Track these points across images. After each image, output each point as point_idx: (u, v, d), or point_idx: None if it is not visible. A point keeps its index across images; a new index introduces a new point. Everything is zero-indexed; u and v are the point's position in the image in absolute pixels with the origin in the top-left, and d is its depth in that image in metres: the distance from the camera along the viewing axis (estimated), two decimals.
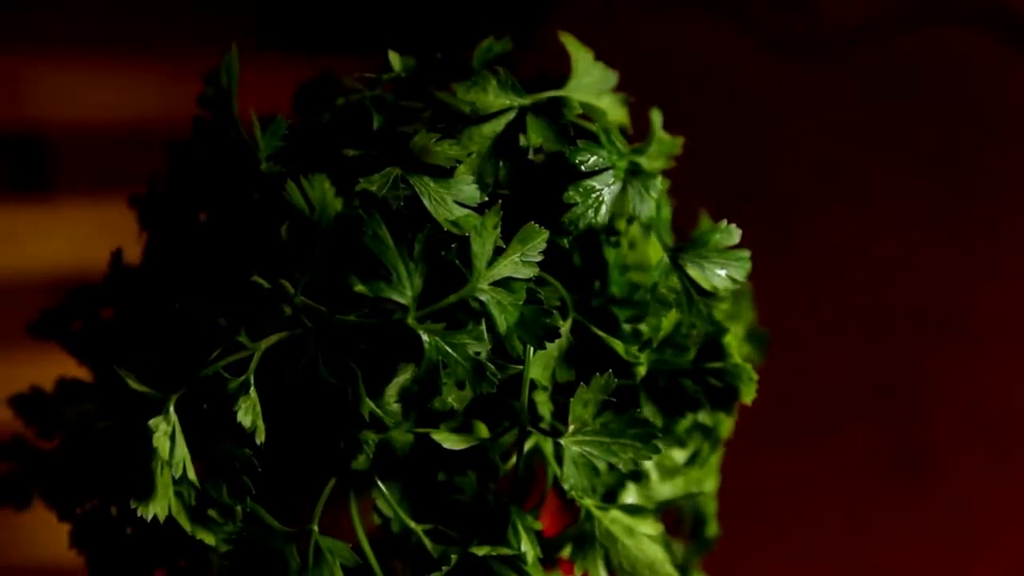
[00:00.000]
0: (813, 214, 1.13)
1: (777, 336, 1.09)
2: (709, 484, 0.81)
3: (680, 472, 0.79)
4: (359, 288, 0.67)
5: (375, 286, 0.67)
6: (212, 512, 0.72)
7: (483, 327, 0.70)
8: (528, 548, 0.71)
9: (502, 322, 0.69)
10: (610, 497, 0.76)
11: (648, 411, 0.75)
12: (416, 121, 0.73)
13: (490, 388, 0.69)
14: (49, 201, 1.10)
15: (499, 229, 0.69)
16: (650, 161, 0.75)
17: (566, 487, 0.71)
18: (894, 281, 1.12)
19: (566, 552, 0.74)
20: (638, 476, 0.76)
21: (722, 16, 1.16)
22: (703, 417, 0.76)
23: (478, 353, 0.69)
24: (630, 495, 0.77)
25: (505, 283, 0.69)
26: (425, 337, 0.68)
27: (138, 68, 1.10)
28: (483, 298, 0.69)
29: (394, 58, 0.75)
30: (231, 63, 0.75)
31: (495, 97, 0.73)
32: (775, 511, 1.08)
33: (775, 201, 1.14)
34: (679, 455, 0.81)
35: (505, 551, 0.71)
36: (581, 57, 0.76)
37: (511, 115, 0.73)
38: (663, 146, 0.77)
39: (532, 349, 0.71)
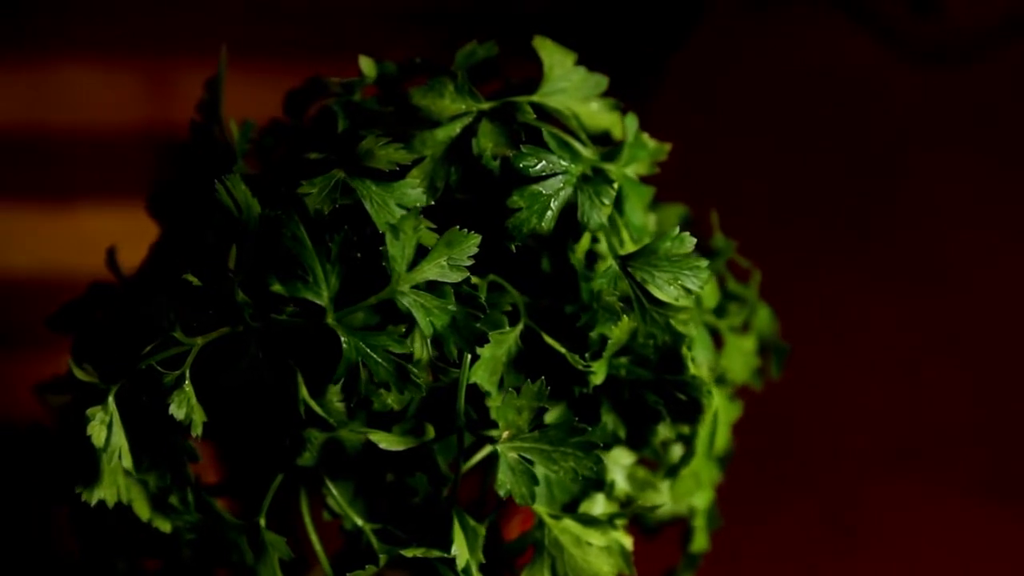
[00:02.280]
0: (942, 230, 1.09)
1: (891, 356, 1.06)
2: (700, 499, 0.79)
3: (655, 484, 0.77)
4: (276, 288, 0.69)
5: (292, 286, 0.69)
6: (173, 500, 0.74)
7: (415, 330, 0.70)
8: (462, 551, 0.71)
9: (426, 325, 0.70)
10: (572, 506, 0.75)
11: (610, 421, 0.74)
12: (378, 125, 0.74)
13: (416, 391, 0.70)
14: None
15: (420, 232, 0.69)
16: (620, 167, 0.74)
17: (501, 492, 0.71)
18: (1013, 299, 1.07)
19: None
20: (600, 485, 0.75)
21: (861, 21, 1.12)
22: (664, 430, 0.74)
23: (400, 354, 0.69)
24: (597, 505, 0.76)
25: (431, 286, 0.70)
26: (344, 337, 0.69)
27: (276, 73, 1.14)
28: (405, 301, 0.69)
29: (365, 63, 0.76)
30: (221, 68, 0.78)
31: (451, 102, 0.73)
32: (878, 535, 1.04)
33: (906, 216, 1.10)
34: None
35: (436, 553, 0.71)
36: (557, 62, 0.76)
37: (467, 120, 0.73)
38: (642, 152, 0.76)
39: (472, 353, 0.71)
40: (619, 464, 0.76)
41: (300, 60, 1.18)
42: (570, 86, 0.76)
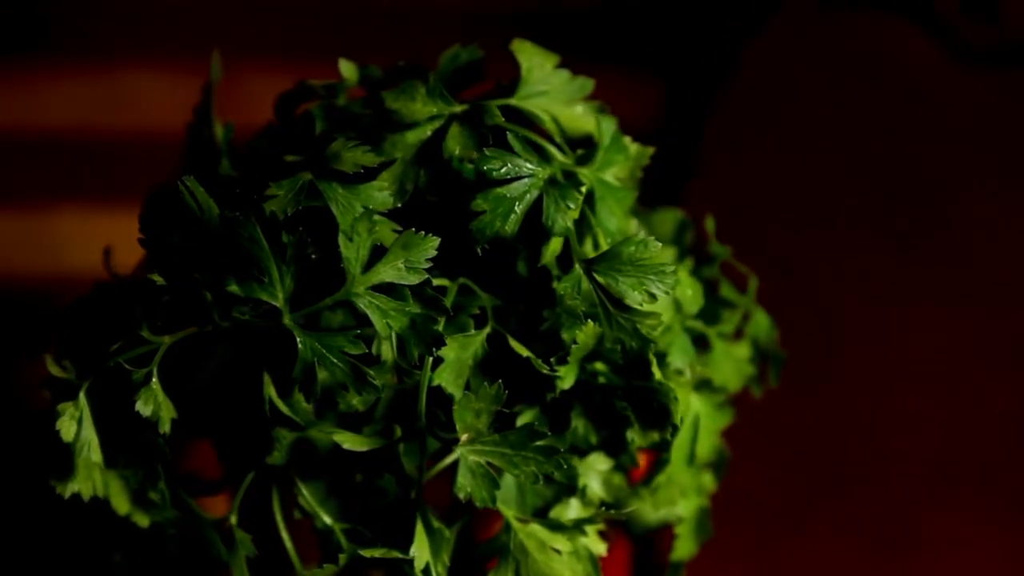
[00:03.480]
0: (994, 238, 1.07)
1: (940, 371, 1.04)
2: (685, 507, 0.79)
3: (638, 491, 0.77)
4: (232, 288, 0.69)
5: (248, 287, 0.70)
6: (154, 496, 0.76)
7: (373, 331, 0.71)
8: (422, 552, 0.72)
9: (383, 327, 0.70)
10: (545, 511, 0.75)
11: (581, 426, 0.74)
12: (354, 128, 0.75)
13: (374, 392, 0.70)
14: None
15: (375, 235, 0.70)
16: (594, 171, 0.74)
17: (460, 495, 0.71)
18: None
19: None
20: (572, 491, 0.75)
21: (923, 27, 1.10)
22: (634, 435, 0.74)
23: (356, 355, 0.70)
24: (571, 510, 0.75)
25: (388, 288, 0.70)
26: (299, 338, 0.70)
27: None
28: (360, 302, 0.70)
29: (345, 66, 0.77)
30: (213, 72, 0.79)
31: (423, 105, 0.74)
32: (922, 556, 1.02)
33: (957, 224, 1.07)
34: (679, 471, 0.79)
35: (395, 554, 0.71)
36: (536, 64, 0.76)
37: (437, 123, 0.74)
38: (619, 156, 0.75)
39: (431, 356, 0.71)
40: (595, 470, 0.76)
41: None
42: (551, 89, 0.76)
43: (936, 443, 1.04)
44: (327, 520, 0.74)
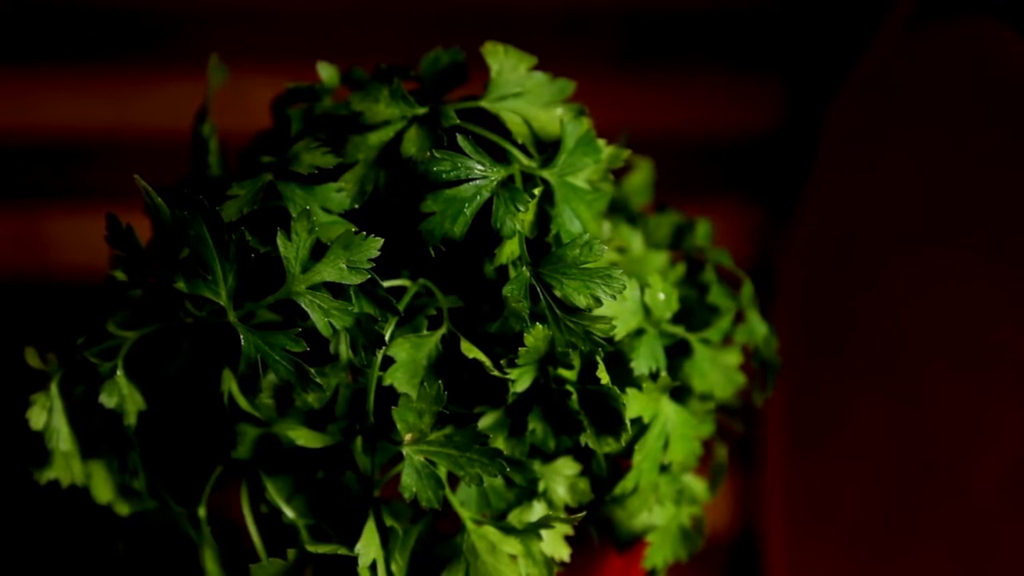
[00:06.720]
0: None
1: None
2: (661, 514, 0.77)
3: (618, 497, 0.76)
4: (179, 286, 0.71)
5: (194, 284, 0.71)
6: (136, 485, 0.78)
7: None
8: (368, 550, 0.72)
9: (324, 326, 0.71)
10: (506, 514, 0.75)
11: (539, 429, 0.74)
12: (325, 130, 0.76)
13: (318, 390, 0.71)
14: None
15: (315, 235, 0.71)
16: (555, 173, 0.74)
17: (406, 495, 0.71)
18: None
19: None
20: (532, 494, 0.75)
21: (1016, 25, 1.06)
22: (588, 440, 0.73)
23: (298, 353, 0.71)
24: (535, 513, 0.75)
25: (330, 288, 0.71)
26: (243, 335, 0.71)
27: None
28: (302, 301, 0.71)
29: (322, 69, 0.78)
30: (210, 75, 0.81)
31: (385, 107, 0.74)
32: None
33: None
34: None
35: (343, 551, 0.72)
36: (508, 67, 0.76)
37: (399, 125, 0.74)
38: (587, 159, 0.75)
39: (379, 355, 0.72)
40: (561, 474, 0.75)
41: None
42: (526, 91, 0.76)
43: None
44: (290, 515, 0.75)
